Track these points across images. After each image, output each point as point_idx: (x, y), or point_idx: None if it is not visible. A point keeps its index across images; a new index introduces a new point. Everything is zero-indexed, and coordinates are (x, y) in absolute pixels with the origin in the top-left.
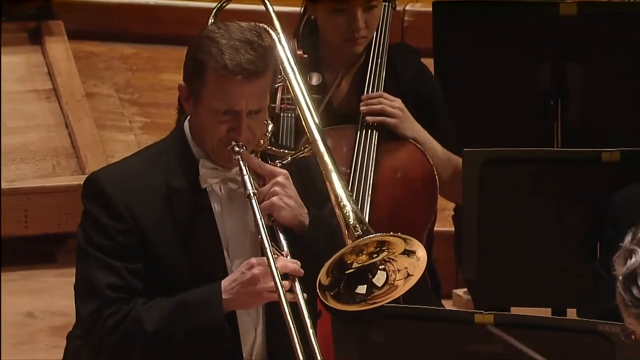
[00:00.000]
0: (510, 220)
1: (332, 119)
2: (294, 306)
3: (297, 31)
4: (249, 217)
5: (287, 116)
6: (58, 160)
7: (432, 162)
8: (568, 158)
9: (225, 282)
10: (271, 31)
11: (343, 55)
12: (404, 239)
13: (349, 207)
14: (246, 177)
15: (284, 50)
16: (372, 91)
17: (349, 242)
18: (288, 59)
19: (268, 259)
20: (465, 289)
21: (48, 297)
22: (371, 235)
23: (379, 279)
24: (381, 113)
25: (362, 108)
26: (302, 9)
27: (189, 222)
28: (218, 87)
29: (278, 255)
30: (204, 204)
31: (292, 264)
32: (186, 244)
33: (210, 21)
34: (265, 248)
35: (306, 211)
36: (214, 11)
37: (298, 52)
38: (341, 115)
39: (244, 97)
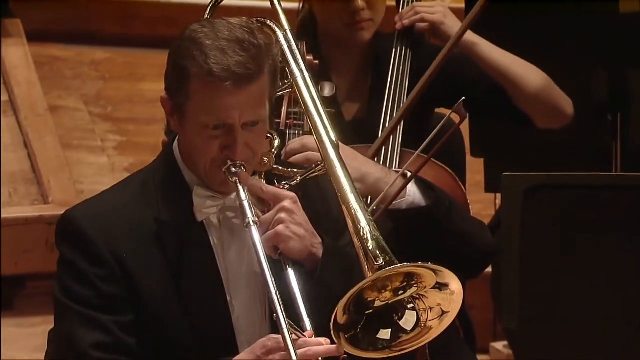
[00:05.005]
0: (559, 259)
1: (343, 135)
2: None
3: (299, 30)
4: (252, 253)
5: (294, 133)
6: (15, 187)
7: (464, 190)
8: (629, 184)
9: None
10: (275, 27)
11: (348, 49)
12: (434, 270)
13: (368, 232)
14: (245, 203)
15: (291, 50)
16: (394, 96)
17: (369, 274)
18: (296, 60)
19: (286, 344)
20: (505, 342)
21: (5, 352)
22: (395, 266)
23: (408, 320)
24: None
25: (397, 26)
26: (300, 4)
27: (183, 263)
28: (204, 98)
29: (298, 337)
30: (201, 240)
31: (320, 348)
32: (182, 289)
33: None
34: (283, 329)
35: (319, 240)
36: (209, 7)
37: (308, 57)
38: (354, 131)
39: (236, 108)
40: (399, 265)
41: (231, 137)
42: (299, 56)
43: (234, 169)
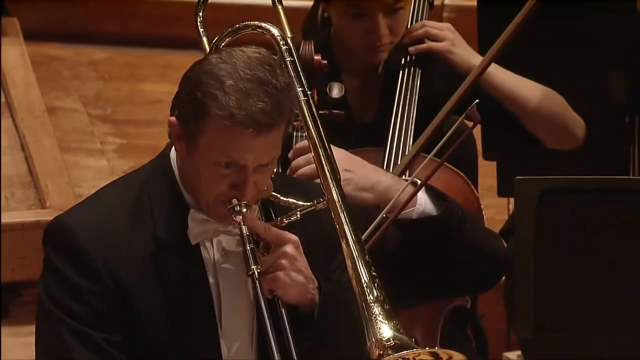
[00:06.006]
0: (575, 265)
1: (352, 137)
2: None
3: (307, 29)
4: (247, 282)
5: (302, 136)
6: (12, 191)
7: (477, 194)
8: None
9: None
10: (279, 38)
11: (361, 62)
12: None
13: (375, 303)
14: (249, 250)
15: (294, 67)
16: (404, 104)
17: (375, 352)
18: (299, 79)
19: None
20: (519, 352)
21: None
22: (407, 351)
23: None
24: (425, 38)
25: (403, 40)
26: (313, 3)
27: (177, 284)
28: (222, 139)
29: None
30: (195, 262)
31: None
32: (173, 310)
33: (199, 18)
34: (260, 300)
35: (316, 285)
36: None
37: (316, 58)
38: (364, 133)
39: (252, 152)
40: (411, 351)
41: (242, 178)
42: (301, 75)
43: (238, 208)
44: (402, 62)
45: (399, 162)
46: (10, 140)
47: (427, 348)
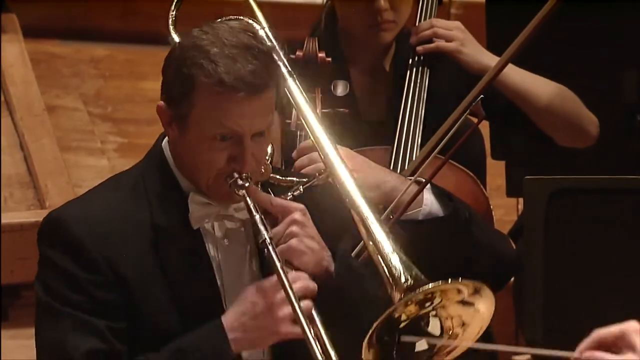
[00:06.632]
0: (586, 266)
1: (360, 135)
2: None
3: (317, 27)
4: (250, 263)
5: (305, 135)
6: (11, 191)
7: (486, 195)
8: None
9: (229, 318)
10: (255, 24)
11: (368, 49)
12: (473, 287)
13: (387, 248)
14: (258, 218)
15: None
16: (413, 103)
17: (396, 295)
18: (281, 60)
19: (280, 277)
20: (528, 355)
21: None
22: (427, 287)
23: (434, 326)
24: (434, 38)
25: (411, 40)
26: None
27: (180, 270)
28: (213, 108)
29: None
30: (197, 247)
31: (312, 283)
32: (178, 297)
33: (171, 14)
34: (276, 265)
35: (329, 253)
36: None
37: (320, 55)
38: (371, 131)
39: (247, 117)
40: (432, 285)
41: (240, 149)
42: (283, 57)
43: (240, 182)
44: (410, 61)
45: (406, 163)
46: (9, 139)
47: (449, 280)
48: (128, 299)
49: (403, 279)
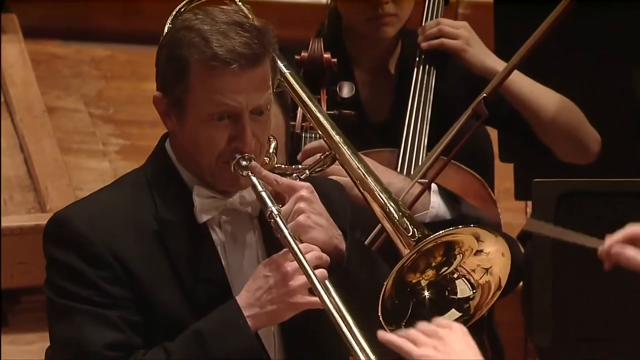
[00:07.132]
0: (595, 271)
1: (366, 138)
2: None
3: (321, 28)
4: (257, 253)
5: (310, 137)
6: (11, 194)
7: (494, 197)
8: None
9: (243, 297)
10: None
11: (371, 47)
12: (476, 233)
13: (396, 208)
14: (263, 193)
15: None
16: (419, 103)
17: (406, 251)
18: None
19: (291, 247)
20: None
21: None
22: (434, 235)
23: (463, 289)
24: (439, 36)
25: (419, 39)
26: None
27: (188, 264)
28: (208, 85)
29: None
30: (204, 240)
31: (324, 254)
32: (187, 290)
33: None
34: (285, 234)
35: (340, 232)
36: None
37: (325, 56)
38: (378, 133)
39: (242, 92)
40: (438, 234)
41: (239, 126)
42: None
43: (243, 162)
44: (416, 60)
45: (413, 164)
46: (9, 141)
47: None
48: (138, 293)
49: (410, 233)
